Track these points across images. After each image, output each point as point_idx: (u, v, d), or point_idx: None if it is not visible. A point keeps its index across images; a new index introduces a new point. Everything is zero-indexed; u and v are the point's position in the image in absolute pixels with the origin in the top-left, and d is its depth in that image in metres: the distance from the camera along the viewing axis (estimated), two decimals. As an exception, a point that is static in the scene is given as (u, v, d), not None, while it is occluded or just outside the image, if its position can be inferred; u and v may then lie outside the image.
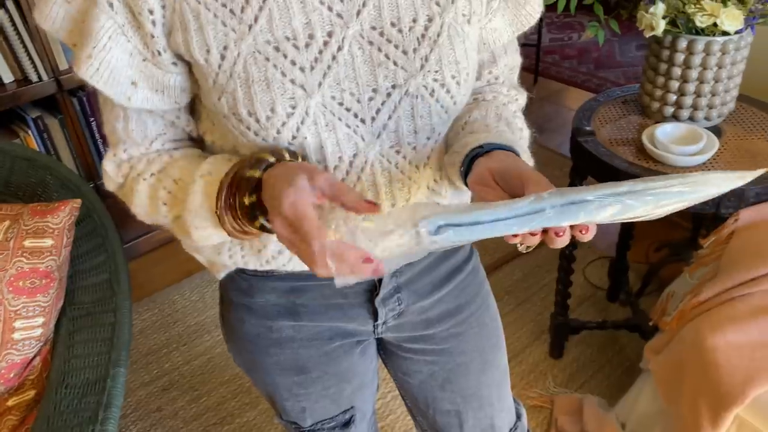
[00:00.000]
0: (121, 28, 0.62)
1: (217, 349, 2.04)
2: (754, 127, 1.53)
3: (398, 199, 0.73)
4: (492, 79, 0.82)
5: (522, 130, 0.78)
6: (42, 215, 1.24)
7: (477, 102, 0.79)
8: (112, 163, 0.74)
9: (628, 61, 3.81)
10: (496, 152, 0.64)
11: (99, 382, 1.16)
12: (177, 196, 0.69)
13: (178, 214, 0.69)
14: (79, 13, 0.63)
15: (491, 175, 0.61)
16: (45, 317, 1.23)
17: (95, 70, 0.64)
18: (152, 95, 0.68)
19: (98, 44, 0.62)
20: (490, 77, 0.81)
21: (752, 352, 1.18)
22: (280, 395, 0.89)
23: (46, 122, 2.05)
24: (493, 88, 0.81)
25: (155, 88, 0.67)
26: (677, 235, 2.25)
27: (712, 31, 1.38)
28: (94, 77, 0.64)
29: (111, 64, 0.63)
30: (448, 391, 0.93)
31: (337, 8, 0.64)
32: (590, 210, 0.55)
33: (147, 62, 0.65)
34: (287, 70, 0.63)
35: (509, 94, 0.82)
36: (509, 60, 0.82)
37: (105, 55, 0.63)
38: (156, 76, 0.67)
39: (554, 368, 1.89)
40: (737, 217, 1.33)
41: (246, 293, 0.83)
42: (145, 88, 0.67)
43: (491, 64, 0.80)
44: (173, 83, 0.68)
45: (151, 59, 0.65)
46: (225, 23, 0.62)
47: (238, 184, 0.62)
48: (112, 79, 0.65)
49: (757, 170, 0.56)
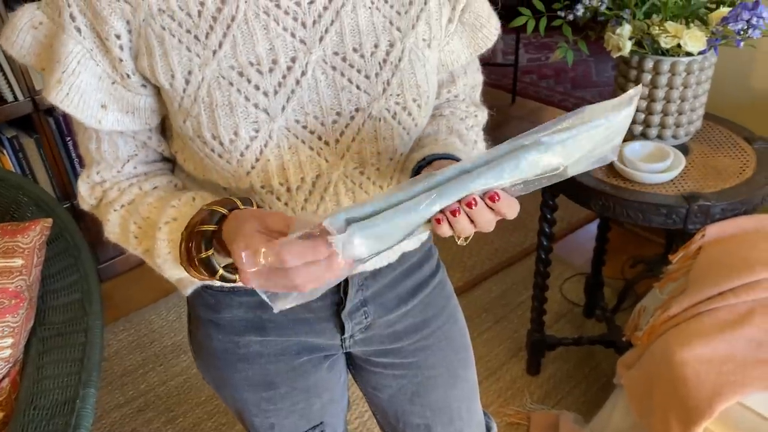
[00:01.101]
0: (90, 52, 0.63)
1: (193, 370, 2.02)
2: (720, 144, 1.57)
3: None
4: (451, 98, 0.84)
5: (476, 143, 0.80)
6: (12, 235, 1.23)
7: (434, 117, 0.81)
8: (86, 185, 0.75)
9: (605, 80, 3.87)
10: (436, 162, 0.66)
11: (68, 403, 1.15)
12: (147, 233, 0.70)
13: (148, 248, 0.70)
14: (46, 38, 0.64)
15: None
16: (14, 338, 1.22)
17: (65, 95, 0.64)
18: (123, 117, 0.68)
19: (67, 69, 0.63)
20: (449, 95, 0.83)
21: (719, 366, 1.19)
22: (249, 411, 0.89)
23: (22, 142, 2.05)
24: (451, 104, 0.83)
25: (125, 110, 0.68)
26: (652, 251, 2.28)
27: (677, 52, 1.42)
28: (64, 102, 0.65)
29: (81, 88, 0.64)
30: (417, 405, 0.94)
31: (300, 34, 0.66)
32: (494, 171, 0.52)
33: (116, 85, 0.66)
34: (251, 94, 0.65)
35: (467, 110, 0.83)
36: (469, 80, 0.84)
37: (74, 79, 0.64)
38: (126, 98, 0.67)
39: (531, 385, 1.90)
40: (704, 232, 1.35)
41: (213, 309, 0.83)
42: (115, 110, 0.68)
43: (450, 84, 0.82)
44: (143, 105, 0.69)
45: (120, 82, 0.66)
46: (189, 49, 0.64)
47: (194, 240, 0.62)
48: (83, 103, 0.65)
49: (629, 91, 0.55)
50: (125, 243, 0.73)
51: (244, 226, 0.55)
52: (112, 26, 0.62)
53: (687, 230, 1.38)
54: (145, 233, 0.70)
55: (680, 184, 1.42)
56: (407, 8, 0.70)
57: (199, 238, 0.61)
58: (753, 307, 1.24)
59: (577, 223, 2.58)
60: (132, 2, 0.62)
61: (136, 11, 0.62)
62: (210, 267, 0.61)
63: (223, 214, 0.61)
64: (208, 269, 0.61)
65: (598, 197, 1.43)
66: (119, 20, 0.62)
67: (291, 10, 0.65)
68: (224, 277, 0.61)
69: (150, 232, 0.69)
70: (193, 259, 0.62)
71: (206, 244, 0.60)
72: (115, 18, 0.62)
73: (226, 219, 0.60)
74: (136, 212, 0.71)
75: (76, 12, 0.62)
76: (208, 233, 0.61)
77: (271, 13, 0.65)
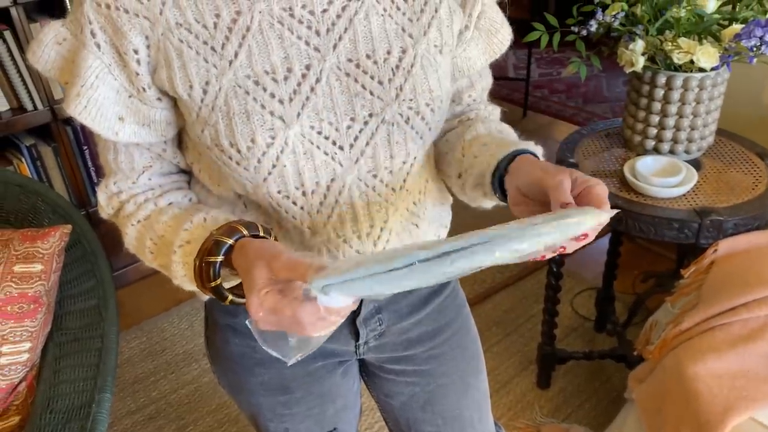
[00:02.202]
0: (108, 67, 0.66)
1: (204, 378, 2.04)
2: (733, 160, 1.57)
3: (376, 220, 0.76)
4: (471, 102, 0.87)
5: (510, 130, 0.83)
6: (32, 240, 1.25)
7: (462, 124, 0.84)
8: (104, 194, 0.78)
9: (615, 96, 3.88)
10: (513, 165, 0.67)
11: (84, 407, 1.17)
12: (162, 250, 0.72)
13: (164, 264, 0.73)
14: (69, 53, 0.67)
15: (520, 193, 0.64)
16: (32, 342, 1.23)
17: (83, 107, 0.67)
18: (139, 129, 0.71)
19: (86, 83, 0.66)
20: (470, 100, 0.86)
21: (732, 381, 1.19)
22: (264, 416, 0.90)
23: (40, 150, 2.08)
24: (472, 106, 0.87)
25: (142, 123, 0.71)
26: (663, 266, 2.27)
27: (690, 68, 1.43)
28: (83, 114, 0.67)
29: (98, 101, 0.67)
30: (429, 413, 0.94)
31: (314, 42, 0.67)
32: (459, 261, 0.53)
33: (133, 98, 0.69)
34: (266, 102, 0.66)
35: (488, 109, 0.87)
36: (484, 82, 0.87)
37: (92, 93, 0.66)
38: (142, 111, 0.70)
39: (541, 398, 1.90)
40: (716, 247, 1.35)
41: (230, 314, 0.85)
42: (132, 122, 0.70)
43: (470, 89, 0.85)
44: (159, 117, 0.71)
45: (137, 95, 0.69)
46: (206, 59, 0.66)
47: (203, 269, 0.66)
48: (100, 116, 0.68)
49: (611, 211, 0.56)
50: (142, 256, 0.76)
51: (254, 273, 0.58)
52: (130, 41, 0.65)
53: (699, 245, 1.38)
54: (160, 250, 0.72)
55: (692, 199, 1.42)
56: (419, 15, 0.71)
57: (208, 268, 0.65)
58: (766, 322, 1.24)
59: (588, 237, 2.57)
60: (150, 17, 0.64)
61: (154, 26, 0.64)
62: (219, 294, 0.65)
63: (230, 245, 0.64)
64: (218, 296, 0.65)
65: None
66: (138, 36, 0.65)
67: (305, 19, 0.67)
68: (234, 302, 0.65)
69: (165, 251, 0.72)
70: (205, 284, 0.66)
71: (214, 274, 0.64)
72: (134, 33, 0.64)
73: (233, 249, 0.64)
74: (151, 229, 0.73)
75: (96, 29, 0.64)
76: (216, 264, 0.64)
77: (286, 23, 0.66)
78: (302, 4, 0.67)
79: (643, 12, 1.43)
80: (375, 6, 0.69)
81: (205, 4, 0.65)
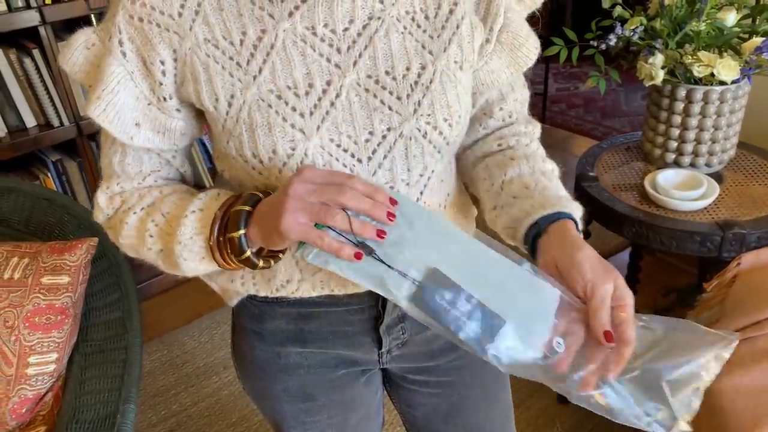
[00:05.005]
0: (130, 74, 0.69)
1: (224, 391, 2.05)
2: (755, 173, 1.56)
3: None
4: (506, 116, 0.85)
5: (553, 171, 0.82)
6: (60, 253, 1.28)
7: (503, 152, 0.83)
8: (105, 195, 0.79)
9: (634, 110, 3.87)
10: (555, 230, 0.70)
11: (109, 418, 1.18)
12: (164, 230, 0.74)
13: (164, 246, 0.74)
14: (96, 57, 0.71)
15: (555, 267, 0.68)
16: (59, 353, 1.25)
17: (102, 110, 0.70)
18: (153, 136, 0.74)
19: (107, 87, 0.69)
20: (503, 114, 0.85)
21: (757, 397, 1.18)
22: (287, 423, 0.91)
23: (65, 165, 2.12)
24: (512, 129, 0.85)
25: (157, 130, 0.74)
26: (684, 280, 2.25)
27: (710, 81, 1.43)
28: (101, 116, 0.70)
29: (117, 105, 0.70)
30: (451, 425, 0.94)
31: (335, 59, 0.70)
32: None
33: (152, 106, 0.72)
34: (288, 115, 0.69)
35: (527, 132, 0.85)
36: (518, 95, 0.85)
37: (112, 97, 0.69)
38: (159, 119, 0.73)
39: (562, 414, 1.88)
40: (740, 260, 1.34)
41: (256, 319, 0.86)
42: (147, 129, 0.73)
43: (500, 101, 0.84)
44: (174, 127, 0.74)
45: (156, 104, 0.72)
46: (232, 74, 0.68)
47: (229, 218, 0.68)
48: (118, 119, 0.71)
49: None
50: (140, 246, 0.76)
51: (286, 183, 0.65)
52: (158, 53, 0.68)
53: (722, 258, 1.38)
54: (161, 231, 0.73)
55: (714, 212, 1.42)
56: (439, 32, 0.73)
57: (236, 216, 0.67)
58: (791, 336, 1.23)
59: (609, 251, 2.56)
60: (180, 33, 0.68)
61: (183, 41, 0.68)
62: (239, 247, 0.67)
63: (260, 197, 0.68)
64: (236, 250, 0.67)
65: (631, 224, 1.43)
66: (166, 49, 0.68)
67: (327, 37, 0.69)
68: (251, 260, 0.67)
69: (168, 229, 0.73)
70: (222, 241, 0.68)
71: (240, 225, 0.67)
72: (163, 46, 0.68)
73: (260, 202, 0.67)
74: (157, 211, 0.75)
75: (125, 39, 0.68)
76: (244, 213, 0.66)
77: (308, 41, 0.69)
78: (324, 23, 0.69)
79: (663, 26, 1.43)
80: (395, 24, 0.71)
81: (232, 22, 0.68)
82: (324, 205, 0.63)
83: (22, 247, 1.30)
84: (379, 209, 0.64)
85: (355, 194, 0.63)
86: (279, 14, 0.68)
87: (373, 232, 0.64)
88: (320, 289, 0.79)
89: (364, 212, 0.64)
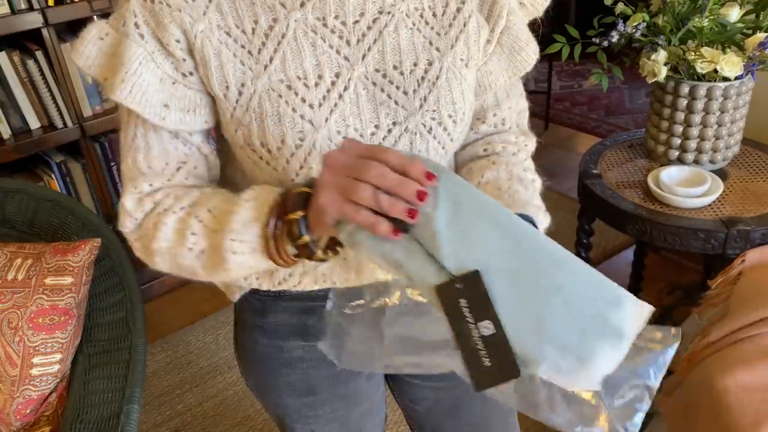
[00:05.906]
0: (151, 55, 0.68)
1: (229, 391, 2.05)
2: (759, 169, 1.55)
3: None
4: (499, 123, 0.84)
5: (534, 181, 0.80)
6: (63, 254, 1.28)
7: (488, 158, 0.82)
8: (133, 198, 0.73)
9: (637, 107, 3.86)
10: None
11: (113, 418, 1.18)
12: (209, 227, 0.69)
13: (209, 244, 0.69)
14: (110, 47, 0.69)
15: None
16: (62, 354, 1.26)
17: (128, 92, 0.68)
18: (184, 116, 0.70)
19: (130, 69, 0.67)
20: (496, 120, 0.84)
21: (763, 394, 1.17)
22: (290, 417, 0.91)
23: (69, 166, 2.13)
24: (502, 137, 0.83)
25: (187, 109, 0.71)
26: (689, 278, 2.25)
27: (713, 77, 1.42)
28: (128, 99, 0.68)
29: (142, 87, 0.68)
30: (455, 419, 0.95)
31: (345, 52, 0.70)
32: None
33: (177, 84, 0.70)
34: (297, 106, 0.69)
35: (518, 142, 0.83)
36: (513, 103, 0.84)
37: (136, 79, 0.67)
38: (188, 96, 0.70)
39: (567, 412, 1.87)
40: (744, 257, 1.34)
41: (259, 313, 0.86)
42: (176, 109, 0.70)
43: (495, 107, 0.84)
44: (204, 102, 0.72)
45: (182, 81, 0.70)
46: (243, 62, 0.69)
47: (288, 200, 0.63)
48: (145, 101, 0.68)
49: None
50: (178, 247, 0.70)
51: None
52: (171, 33, 0.67)
53: (726, 255, 1.37)
54: (208, 228, 0.69)
55: (718, 209, 1.41)
56: (447, 30, 0.73)
57: (296, 198, 0.61)
58: (797, 333, 1.22)
59: (613, 249, 2.55)
60: (193, 15, 0.67)
61: (195, 22, 0.67)
62: (298, 231, 0.61)
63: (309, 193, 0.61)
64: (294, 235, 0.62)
65: (635, 222, 1.43)
66: (177, 28, 0.67)
67: (337, 29, 0.70)
68: (309, 247, 0.62)
69: (215, 226, 0.68)
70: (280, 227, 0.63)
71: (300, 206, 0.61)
72: (174, 26, 0.67)
73: None
74: (201, 208, 0.70)
75: (140, 21, 0.67)
76: (304, 194, 0.61)
77: (319, 32, 0.69)
78: (335, 15, 0.69)
79: (665, 22, 1.43)
80: (404, 20, 0.71)
81: (244, 11, 0.68)
82: (353, 180, 0.56)
83: (26, 248, 1.31)
84: (407, 187, 0.55)
85: (381, 170, 0.55)
86: (291, 4, 0.68)
87: (403, 210, 0.55)
88: (322, 283, 0.79)
89: (388, 190, 0.55)
